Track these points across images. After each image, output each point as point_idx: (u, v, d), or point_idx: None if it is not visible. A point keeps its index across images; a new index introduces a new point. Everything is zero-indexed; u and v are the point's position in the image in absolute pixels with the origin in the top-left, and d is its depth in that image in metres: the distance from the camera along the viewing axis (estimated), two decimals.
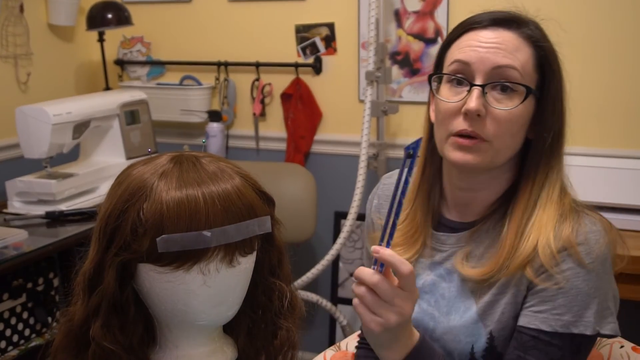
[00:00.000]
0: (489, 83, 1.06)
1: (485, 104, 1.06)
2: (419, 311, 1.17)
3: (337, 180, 2.62)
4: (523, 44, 1.09)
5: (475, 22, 1.11)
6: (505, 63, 1.06)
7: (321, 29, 2.56)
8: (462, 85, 1.09)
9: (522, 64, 1.07)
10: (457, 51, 1.10)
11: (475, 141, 1.07)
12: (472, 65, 1.07)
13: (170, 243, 0.79)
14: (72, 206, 2.20)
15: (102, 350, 0.83)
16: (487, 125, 1.06)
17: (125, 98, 2.50)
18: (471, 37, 1.10)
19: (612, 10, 2.16)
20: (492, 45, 1.07)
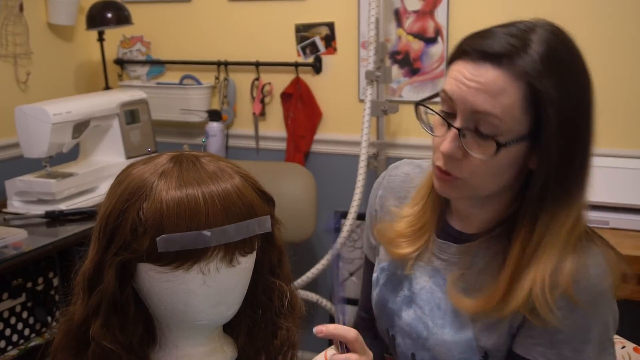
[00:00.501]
0: (466, 128, 0.99)
1: (461, 146, 0.99)
2: (414, 317, 1.16)
3: (337, 180, 2.62)
4: (511, 84, 0.96)
5: (465, 52, 1.01)
6: (483, 109, 0.97)
7: (321, 28, 2.55)
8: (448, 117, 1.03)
9: (504, 109, 0.96)
10: (447, 79, 1.03)
11: (450, 177, 1.03)
12: (454, 101, 1.00)
13: (170, 243, 0.79)
14: (72, 206, 2.20)
15: (101, 350, 0.83)
16: (463, 166, 1.01)
17: (125, 97, 2.50)
18: (459, 67, 1.01)
19: (613, 10, 2.16)
20: (473, 85, 0.97)
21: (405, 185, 1.23)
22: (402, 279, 1.19)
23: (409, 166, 1.27)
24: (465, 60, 1.00)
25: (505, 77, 0.96)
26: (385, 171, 1.30)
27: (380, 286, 1.23)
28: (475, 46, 1.00)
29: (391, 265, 1.21)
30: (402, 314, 1.18)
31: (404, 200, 1.22)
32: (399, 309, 1.19)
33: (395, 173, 1.27)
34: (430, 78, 2.42)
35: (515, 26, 1.05)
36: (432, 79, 2.42)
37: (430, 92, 2.43)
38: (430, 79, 2.42)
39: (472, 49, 1.00)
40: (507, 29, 1.03)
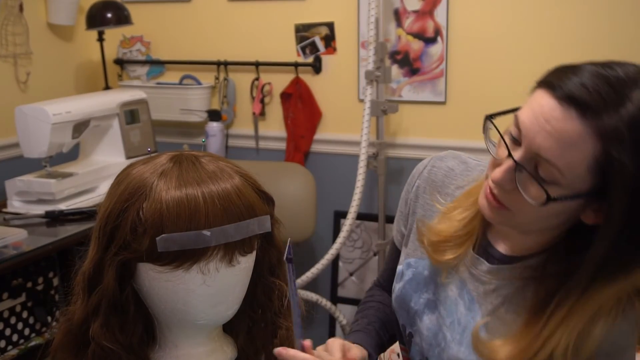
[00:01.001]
0: (524, 165, 0.92)
1: (514, 180, 0.93)
2: (435, 324, 1.12)
3: (337, 180, 2.62)
4: (586, 140, 0.87)
5: (551, 86, 0.91)
6: (546, 156, 0.89)
7: (321, 28, 2.55)
8: (514, 142, 0.95)
9: (569, 164, 0.88)
10: (527, 104, 0.95)
11: (497, 204, 0.97)
12: (522, 131, 0.92)
13: (169, 242, 0.79)
14: (72, 205, 2.20)
15: (101, 350, 0.83)
16: (511, 199, 0.95)
17: (124, 97, 2.50)
18: (541, 98, 0.92)
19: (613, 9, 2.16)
20: (548, 128, 0.89)
21: (446, 181, 1.17)
22: (428, 280, 1.15)
23: (454, 161, 1.20)
24: (548, 94, 0.91)
25: (582, 131, 0.87)
26: (428, 160, 1.23)
27: (405, 282, 1.18)
28: (564, 85, 0.90)
29: (419, 263, 1.17)
30: (424, 317, 1.14)
31: (444, 196, 1.16)
32: (422, 311, 1.15)
33: (439, 165, 1.20)
34: (429, 78, 2.42)
35: (616, 71, 0.90)
36: (431, 79, 2.42)
37: (430, 92, 2.43)
38: (429, 79, 2.42)
39: (559, 86, 0.90)
40: (606, 72, 0.90)
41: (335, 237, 2.58)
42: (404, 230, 1.23)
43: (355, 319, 1.30)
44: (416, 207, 1.19)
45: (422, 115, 2.47)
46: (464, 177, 1.16)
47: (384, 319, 1.27)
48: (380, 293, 1.33)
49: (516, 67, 2.29)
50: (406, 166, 2.48)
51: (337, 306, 2.65)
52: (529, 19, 2.25)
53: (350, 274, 2.68)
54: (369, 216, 2.57)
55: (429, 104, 2.45)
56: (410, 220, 1.20)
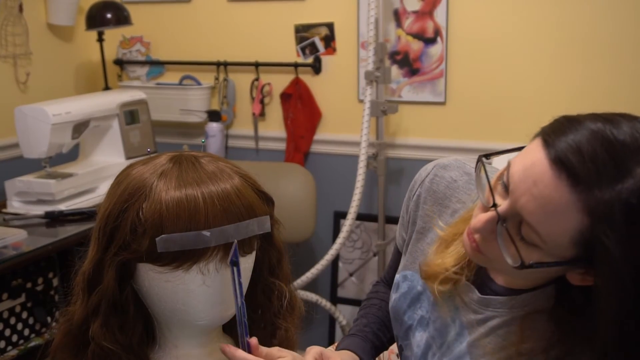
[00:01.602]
0: (506, 220, 0.86)
1: (494, 232, 0.87)
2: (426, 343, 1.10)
3: (337, 180, 2.62)
4: (572, 212, 0.79)
5: (548, 143, 0.82)
6: (528, 220, 0.82)
7: (320, 28, 2.56)
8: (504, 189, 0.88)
9: (551, 233, 0.82)
10: (522, 154, 0.86)
11: (476, 247, 0.92)
12: (510, 184, 0.85)
13: (169, 243, 0.79)
14: (72, 206, 2.20)
15: (101, 350, 0.83)
16: (491, 247, 0.89)
17: (124, 98, 2.50)
18: (536, 154, 0.83)
19: (613, 10, 2.16)
20: (534, 190, 0.81)
21: (448, 193, 1.12)
22: (422, 297, 1.13)
23: (457, 171, 1.13)
24: (543, 150, 0.82)
25: (570, 201, 0.79)
26: (431, 167, 1.16)
27: (400, 295, 1.16)
28: (558, 145, 0.81)
29: (414, 277, 1.15)
30: (416, 333, 1.13)
31: (444, 209, 1.12)
32: (414, 327, 1.13)
33: (442, 175, 1.14)
34: (429, 78, 2.42)
35: (621, 133, 0.80)
36: (431, 79, 2.42)
37: (430, 93, 2.43)
38: (429, 80, 2.42)
39: (553, 145, 0.81)
40: (609, 133, 0.80)
41: (335, 237, 2.58)
42: (404, 236, 1.21)
43: (357, 317, 1.30)
44: (416, 217, 1.16)
45: (421, 116, 2.47)
46: (466, 190, 1.11)
47: (384, 319, 1.26)
48: (384, 290, 1.32)
49: (516, 67, 2.29)
50: (406, 166, 2.48)
51: (337, 307, 2.65)
52: (529, 19, 2.25)
53: (350, 274, 2.68)
54: (368, 216, 2.57)
55: (429, 104, 2.45)
56: (410, 230, 1.18)
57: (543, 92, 2.27)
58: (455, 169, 1.13)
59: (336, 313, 2.60)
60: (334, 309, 2.60)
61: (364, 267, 2.64)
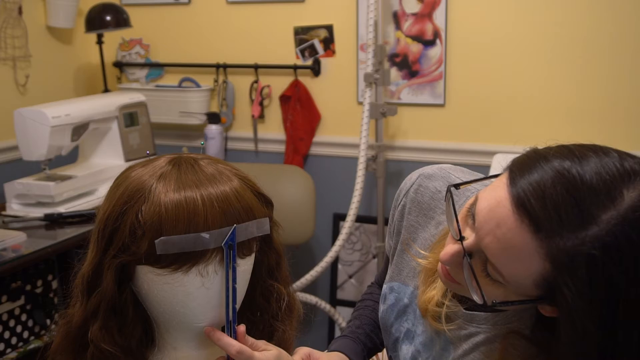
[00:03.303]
0: (471, 256, 0.85)
1: (460, 264, 0.86)
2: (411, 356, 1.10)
3: (336, 182, 2.62)
4: (534, 257, 0.77)
5: (513, 182, 0.80)
6: (492, 261, 0.81)
7: (320, 31, 2.56)
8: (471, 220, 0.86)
9: (513, 275, 0.81)
10: (490, 188, 0.84)
11: (450, 278, 0.91)
12: (475, 223, 0.83)
13: (168, 245, 0.79)
14: (71, 208, 2.20)
15: (100, 352, 0.83)
16: (462, 278, 0.87)
17: (124, 100, 2.50)
18: (502, 192, 0.80)
19: (612, 11, 2.16)
20: (497, 233, 0.79)
21: (432, 204, 1.11)
22: (408, 310, 1.13)
23: (441, 181, 1.12)
24: (509, 188, 0.80)
25: (532, 247, 0.77)
26: (416, 177, 1.15)
27: (387, 307, 1.16)
28: (522, 187, 0.78)
29: (401, 289, 1.15)
30: (403, 346, 1.12)
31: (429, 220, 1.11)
32: (401, 339, 1.13)
33: (426, 185, 1.12)
34: (428, 80, 2.42)
35: (590, 171, 0.76)
36: (430, 82, 2.42)
37: (429, 95, 2.43)
38: (428, 82, 2.43)
39: (516, 187, 0.79)
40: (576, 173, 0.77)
41: (334, 239, 2.58)
42: (391, 244, 1.21)
43: (350, 319, 1.30)
44: (401, 227, 1.16)
45: (421, 118, 2.47)
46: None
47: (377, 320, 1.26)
48: (378, 292, 1.31)
49: (515, 69, 2.30)
50: (405, 168, 2.48)
51: (337, 309, 2.65)
52: (528, 21, 2.25)
53: (350, 276, 2.67)
54: (368, 219, 2.57)
55: (428, 106, 2.45)
56: (395, 240, 1.18)
57: (542, 94, 2.28)
58: (439, 179, 1.12)
59: (335, 315, 2.60)
60: (333, 311, 2.60)
61: (363, 269, 2.64)
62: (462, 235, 0.85)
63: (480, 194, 0.85)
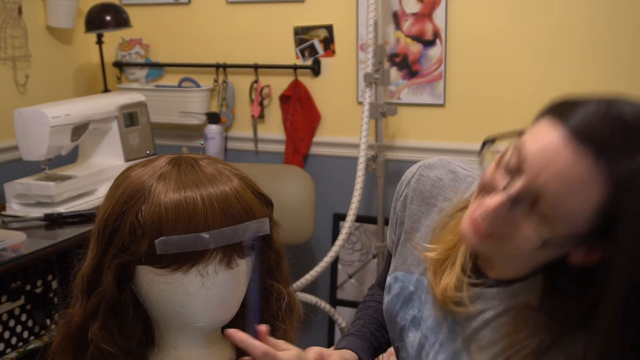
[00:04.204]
0: (522, 201, 0.85)
1: (507, 214, 0.86)
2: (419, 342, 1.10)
3: (336, 182, 2.62)
4: (595, 185, 0.79)
5: (564, 115, 0.83)
6: (548, 198, 0.82)
7: (320, 31, 2.56)
8: (512, 172, 0.87)
9: (571, 209, 0.81)
10: (531, 133, 0.86)
11: (485, 235, 0.90)
12: (524, 165, 0.84)
13: (168, 245, 0.79)
14: (71, 208, 2.20)
15: (100, 352, 0.83)
16: (502, 229, 0.88)
17: (123, 100, 2.50)
18: (551, 130, 0.82)
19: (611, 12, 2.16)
20: (554, 167, 0.80)
21: (434, 192, 1.13)
22: (413, 297, 1.13)
23: (442, 170, 1.14)
24: (559, 126, 0.82)
25: (593, 174, 0.79)
26: (417, 168, 1.18)
27: (392, 296, 1.16)
28: (578, 118, 0.81)
29: (405, 278, 1.15)
30: (409, 333, 1.13)
31: (431, 207, 1.13)
32: (407, 327, 1.13)
33: (427, 174, 1.15)
34: (428, 80, 2.43)
35: (629, 110, 0.81)
36: (430, 82, 2.42)
37: (429, 95, 2.43)
38: (428, 82, 2.43)
39: (572, 119, 0.81)
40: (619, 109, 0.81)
41: (334, 239, 2.59)
42: (394, 238, 1.21)
43: (354, 319, 1.30)
44: (404, 217, 1.16)
45: (420, 118, 2.47)
46: (452, 188, 1.12)
47: (381, 320, 1.26)
48: (380, 292, 1.32)
49: (515, 69, 2.30)
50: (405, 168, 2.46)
51: (337, 309, 2.65)
52: (528, 21, 2.25)
53: (350, 276, 2.67)
54: (368, 218, 2.57)
55: (428, 106, 2.45)
56: (398, 230, 1.18)
57: (542, 94, 2.26)
58: (440, 168, 1.14)
59: (335, 315, 2.60)
60: (333, 311, 2.60)
61: (363, 269, 2.64)
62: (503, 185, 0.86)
63: (521, 142, 0.86)
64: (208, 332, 0.90)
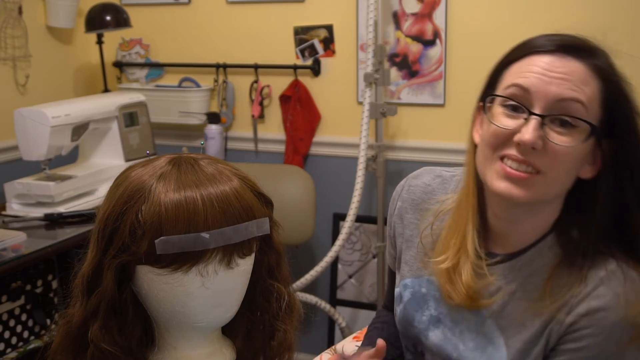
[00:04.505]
0: (550, 115, 0.96)
1: (543, 137, 0.96)
2: (442, 338, 1.12)
3: (336, 182, 2.62)
4: (591, 77, 0.98)
5: (540, 46, 1.00)
6: (570, 96, 0.96)
7: (320, 30, 2.56)
8: (517, 111, 0.99)
9: (588, 99, 0.97)
10: (517, 75, 1.00)
11: (528, 175, 0.97)
12: (532, 93, 0.97)
13: (168, 245, 0.79)
14: (71, 208, 2.20)
15: (100, 352, 0.83)
16: (542, 157, 0.96)
17: (124, 100, 2.50)
18: (534, 61, 0.99)
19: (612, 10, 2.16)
20: (557, 75, 0.96)
21: (425, 197, 1.18)
22: (427, 297, 1.14)
23: (428, 176, 1.21)
24: (540, 54, 0.99)
25: (586, 69, 0.98)
26: (404, 181, 1.24)
27: (405, 303, 1.18)
28: (552, 41, 1.00)
29: (415, 282, 1.16)
30: (429, 333, 1.13)
31: (424, 212, 1.17)
32: (426, 328, 1.14)
33: (415, 183, 1.21)
34: (428, 80, 2.43)
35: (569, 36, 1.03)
36: (430, 82, 2.42)
37: (429, 95, 2.43)
38: (428, 82, 2.43)
39: (548, 43, 1.00)
40: (569, 34, 1.02)
41: (334, 239, 2.59)
42: (393, 253, 1.23)
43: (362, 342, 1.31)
44: (402, 229, 1.20)
45: (420, 118, 2.47)
46: (441, 190, 1.17)
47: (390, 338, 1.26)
48: (386, 313, 1.34)
49: None
50: (405, 168, 2.48)
51: (336, 309, 2.65)
52: (528, 21, 2.25)
53: (350, 276, 2.67)
54: (368, 218, 2.57)
55: (428, 106, 2.45)
56: (398, 242, 1.20)
57: None
58: (426, 174, 1.21)
59: (335, 315, 2.60)
60: (333, 311, 2.60)
61: (363, 269, 2.64)
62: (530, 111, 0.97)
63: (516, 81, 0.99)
64: (208, 332, 0.90)
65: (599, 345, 0.98)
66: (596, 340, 0.98)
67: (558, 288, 1.01)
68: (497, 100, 1.03)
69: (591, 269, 1.00)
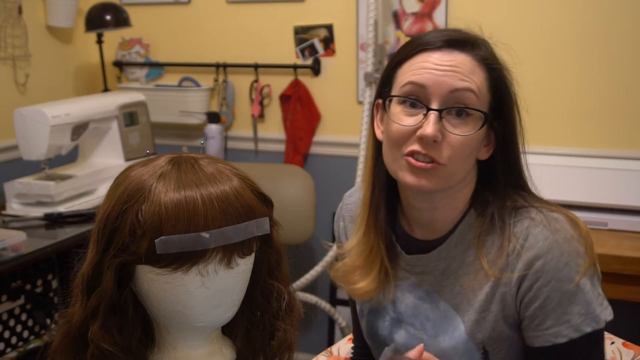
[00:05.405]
0: (446, 108, 1.03)
1: (442, 129, 1.03)
2: (406, 336, 1.16)
3: (336, 182, 2.62)
4: (477, 67, 1.06)
5: (428, 43, 1.06)
6: (462, 86, 1.03)
7: (320, 30, 2.56)
8: (416, 107, 1.05)
9: (478, 87, 1.04)
10: (410, 73, 1.06)
11: (431, 165, 1.03)
12: (427, 88, 1.03)
13: (168, 244, 0.79)
14: (71, 208, 2.20)
15: (100, 352, 0.83)
16: (443, 149, 1.03)
17: (123, 99, 2.50)
18: (424, 58, 1.05)
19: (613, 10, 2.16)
20: (447, 68, 1.03)
21: (358, 210, 1.22)
22: (384, 304, 1.19)
23: (359, 192, 1.25)
24: (429, 51, 1.05)
25: (472, 60, 1.06)
26: (340, 204, 1.31)
27: (367, 316, 1.24)
28: (438, 37, 1.07)
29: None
30: (394, 336, 1.18)
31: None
32: (390, 332, 1.19)
33: (351, 201, 1.28)
34: None
35: (453, 31, 1.11)
36: None
37: None
38: None
39: (434, 40, 1.06)
40: (453, 29, 1.12)
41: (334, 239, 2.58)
42: None
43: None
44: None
45: None
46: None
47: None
48: (358, 345, 1.39)
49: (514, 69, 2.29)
50: None
51: (336, 308, 2.65)
52: (528, 21, 2.25)
53: None
54: None
55: None
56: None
57: (541, 94, 2.28)
58: (359, 191, 1.26)
59: (335, 315, 2.60)
60: (333, 311, 2.60)
61: None
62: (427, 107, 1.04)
63: (410, 80, 1.05)
64: (208, 331, 0.90)
65: (556, 290, 1.02)
66: (551, 288, 1.02)
67: (492, 251, 1.07)
68: (395, 100, 1.08)
69: (516, 223, 1.07)
